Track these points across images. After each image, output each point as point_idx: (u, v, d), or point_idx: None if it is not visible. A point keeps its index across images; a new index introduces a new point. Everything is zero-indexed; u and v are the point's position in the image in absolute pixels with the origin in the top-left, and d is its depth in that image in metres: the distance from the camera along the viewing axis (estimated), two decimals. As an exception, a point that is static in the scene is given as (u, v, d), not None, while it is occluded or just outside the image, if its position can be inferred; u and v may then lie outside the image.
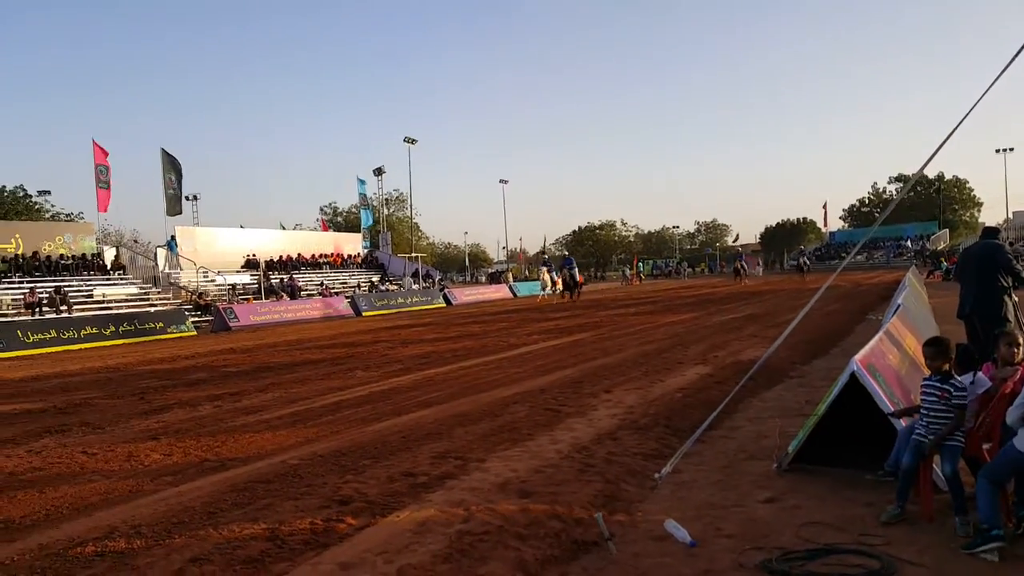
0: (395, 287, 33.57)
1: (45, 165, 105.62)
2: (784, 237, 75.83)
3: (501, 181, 64.45)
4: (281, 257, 33.03)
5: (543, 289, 27.59)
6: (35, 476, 5.05)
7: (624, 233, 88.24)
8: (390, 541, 3.43)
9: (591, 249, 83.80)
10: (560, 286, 26.75)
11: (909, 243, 60.82)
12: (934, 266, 36.26)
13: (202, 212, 52.98)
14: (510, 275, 52.49)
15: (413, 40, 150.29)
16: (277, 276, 29.73)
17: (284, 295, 27.17)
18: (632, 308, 20.61)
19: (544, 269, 28.43)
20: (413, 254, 38.90)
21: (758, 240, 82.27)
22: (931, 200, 69.19)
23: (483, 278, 68.35)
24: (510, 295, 35.89)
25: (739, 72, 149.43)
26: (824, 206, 73.08)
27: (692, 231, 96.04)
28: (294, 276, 30.24)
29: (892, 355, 5.06)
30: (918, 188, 69.68)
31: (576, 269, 26.11)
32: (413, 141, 45.74)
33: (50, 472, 5.15)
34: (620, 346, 11.01)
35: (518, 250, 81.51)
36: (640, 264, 62.08)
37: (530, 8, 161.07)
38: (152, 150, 78.33)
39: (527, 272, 63.50)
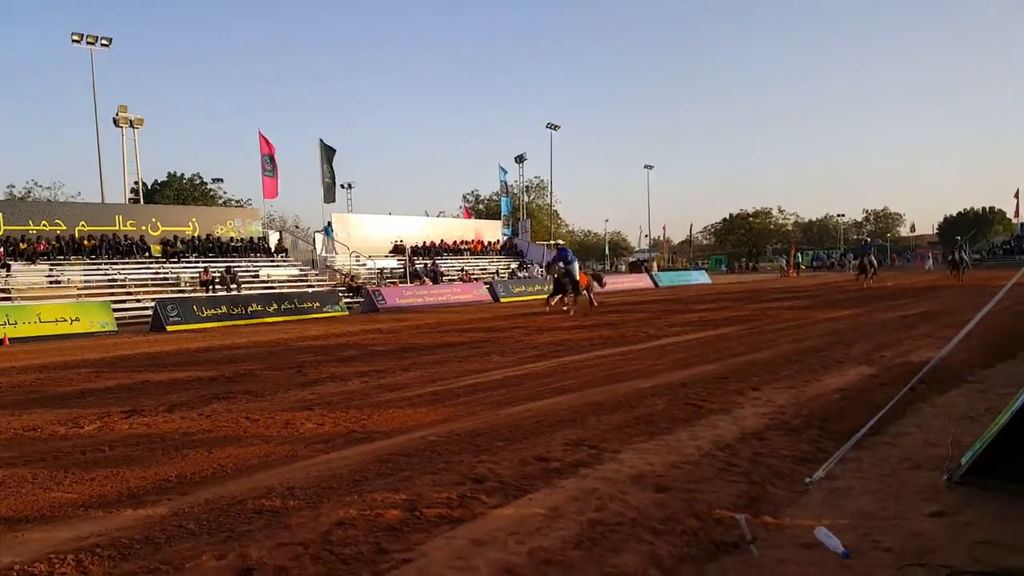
0: (525, 275, 33.95)
1: (219, 155, 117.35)
2: (966, 228, 67.92)
3: (646, 166, 63.13)
4: (425, 243, 34.46)
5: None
6: (204, 437, 5.55)
7: (781, 221, 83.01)
8: (522, 522, 3.42)
9: (743, 238, 79.61)
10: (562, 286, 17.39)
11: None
12: None
13: (356, 199, 56.52)
14: (655, 264, 51.42)
15: (558, 27, 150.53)
16: (421, 261, 31.04)
17: (427, 280, 28.33)
18: (787, 302, 19.37)
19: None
20: (552, 241, 39.03)
21: (936, 231, 74.66)
22: None
23: (623, 267, 67.41)
24: (652, 285, 35.09)
25: (911, 46, 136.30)
26: (1016, 194, 64.37)
27: (859, 220, 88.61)
28: (437, 261, 31.43)
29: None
30: None
31: (575, 264, 17.38)
32: (556, 127, 45.91)
33: (217, 434, 5.63)
34: (771, 342, 10.36)
35: (662, 238, 79.45)
36: (798, 255, 57.62)
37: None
38: (313, 141, 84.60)
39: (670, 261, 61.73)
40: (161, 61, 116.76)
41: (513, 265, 35.89)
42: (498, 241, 39.55)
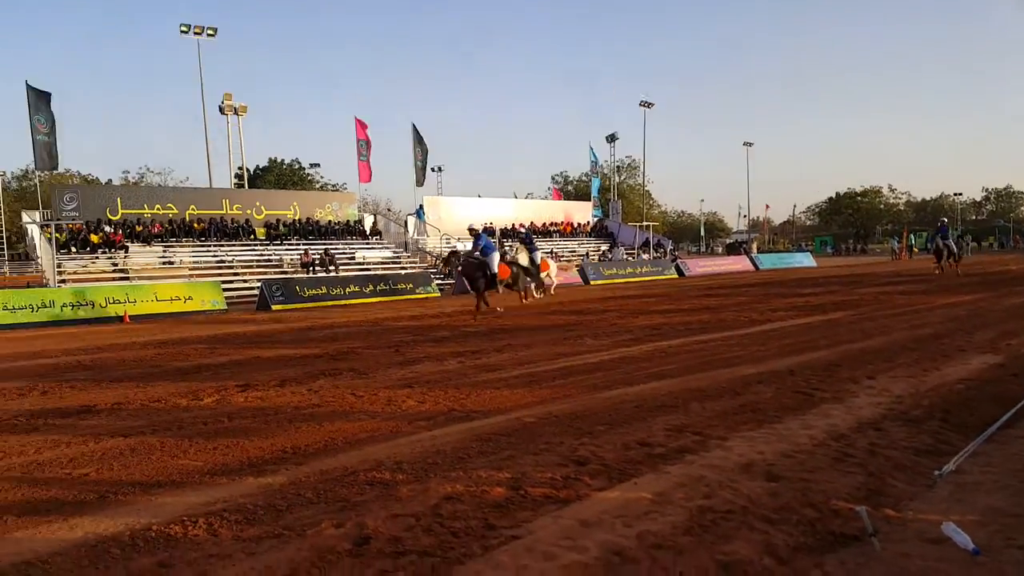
0: (610, 257, 33.49)
1: (315, 140, 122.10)
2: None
3: (745, 144, 60.55)
4: (514, 225, 34.56)
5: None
6: (314, 411, 5.81)
7: (892, 201, 78.00)
8: (628, 506, 3.40)
9: (850, 218, 75.28)
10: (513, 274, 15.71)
11: None
12: None
13: (445, 182, 57.48)
14: (754, 245, 49.62)
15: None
16: (510, 244, 31.19)
17: (517, 262, 28.44)
18: (900, 286, 18.24)
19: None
20: (644, 223, 38.28)
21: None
22: None
23: (719, 248, 65.36)
24: (751, 267, 33.87)
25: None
26: None
27: (979, 199, 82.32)
28: (526, 244, 31.51)
29: None
30: None
31: (495, 254, 15.20)
32: (650, 105, 44.76)
33: (326, 409, 5.88)
34: (885, 328, 9.80)
35: (762, 219, 76.25)
36: (911, 236, 53.77)
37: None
38: (405, 125, 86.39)
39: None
40: (261, 50, 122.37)
41: (604, 247, 35.53)
42: (588, 223, 39.19)
